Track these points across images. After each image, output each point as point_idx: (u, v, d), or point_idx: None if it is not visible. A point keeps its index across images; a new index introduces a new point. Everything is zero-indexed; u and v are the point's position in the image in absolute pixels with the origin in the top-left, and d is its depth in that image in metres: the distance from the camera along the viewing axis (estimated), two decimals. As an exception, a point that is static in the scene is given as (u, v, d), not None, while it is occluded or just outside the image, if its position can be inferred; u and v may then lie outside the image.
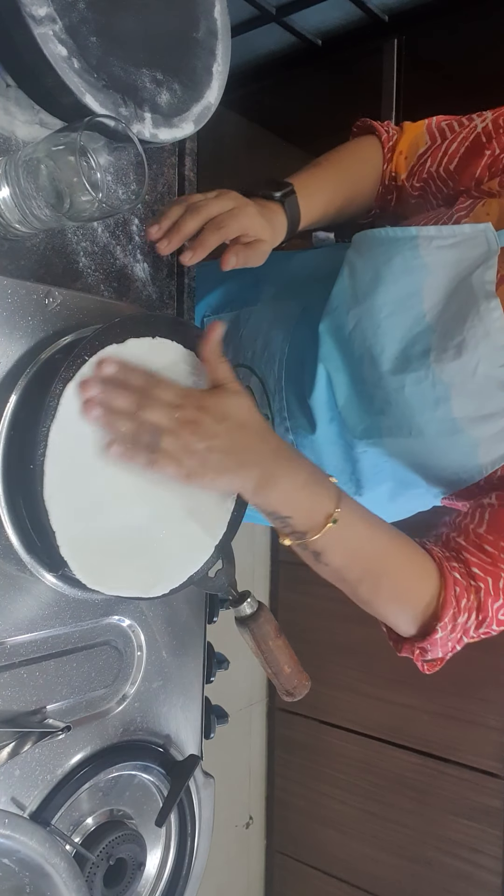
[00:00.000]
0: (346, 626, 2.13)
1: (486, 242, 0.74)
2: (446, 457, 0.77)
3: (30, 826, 0.70)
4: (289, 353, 0.90)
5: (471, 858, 1.96)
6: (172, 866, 0.87)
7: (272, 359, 0.92)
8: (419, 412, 0.76)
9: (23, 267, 0.73)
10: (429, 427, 0.75)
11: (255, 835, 2.45)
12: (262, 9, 1.85)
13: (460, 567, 0.72)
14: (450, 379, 0.73)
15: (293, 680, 0.82)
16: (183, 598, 0.87)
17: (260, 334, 0.95)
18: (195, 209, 0.76)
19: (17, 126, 0.73)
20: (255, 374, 0.93)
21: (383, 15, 1.86)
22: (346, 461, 0.89)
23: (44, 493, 0.63)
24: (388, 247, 0.79)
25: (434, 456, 0.78)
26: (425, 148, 0.90)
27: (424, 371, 0.74)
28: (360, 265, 0.81)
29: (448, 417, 0.74)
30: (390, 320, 0.77)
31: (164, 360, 0.73)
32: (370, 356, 0.79)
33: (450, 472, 0.79)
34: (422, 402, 0.75)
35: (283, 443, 0.67)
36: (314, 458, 0.89)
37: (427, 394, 0.74)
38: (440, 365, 0.73)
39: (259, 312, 0.97)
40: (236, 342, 0.98)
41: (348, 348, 0.82)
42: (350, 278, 0.83)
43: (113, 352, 0.67)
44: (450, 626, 0.71)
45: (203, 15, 0.81)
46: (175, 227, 0.76)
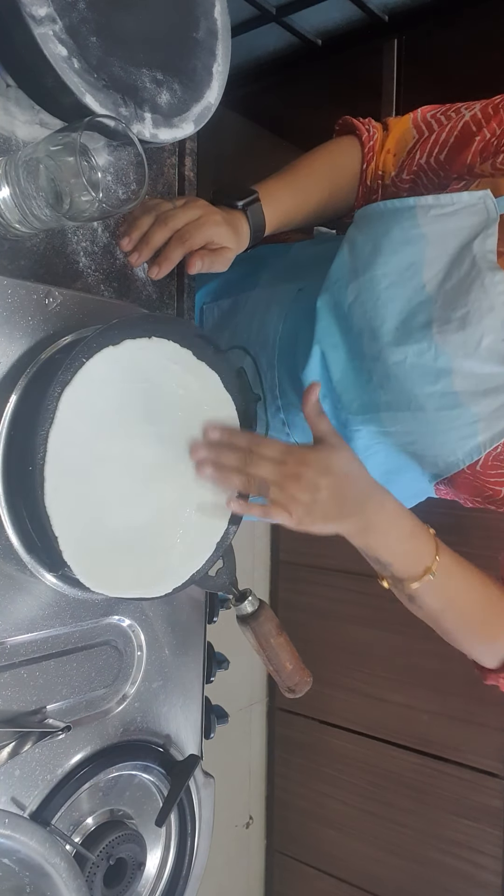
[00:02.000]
0: (346, 626, 2.13)
1: (485, 210, 0.73)
2: (445, 433, 0.77)
3: (30, 826, 0.70)
4: (283, 331, 0.91)
5: (471, 858, 1.96)
6: (172, 866, 0.87)
7: (266, 339, 0.93)
8: (419, 385, 0.75)
9: (23, 267, 0.73)
10: (429, 401, 0.75)
11: (255, 835, 2.44)
12: (262, 9, 1.85)
13: None
14: (453, 351, 0.72)
15: (295, 677, 0.82)
16: (183, 598, 0.87)
17: (256, 316, 0.96)
18: (163, 220, 0.76)
19: (17, 126, 0.73)
20: (249, 355, 0.94)
21: (383, 15, 1.86)
22: None
23: (45, 499, 0.63)
24: (386, 218, 0.79)
25: (432, 431, 0.78)
26: (413, 142, 0.89)
27: (427, 343, 0.73)
28: (361, 239, 0.81)
29: (449, 391, 0.74)
30: (390, 291, 0.76)
31: (161, 360, 0.73)
32: (370, 329, 0.78)
33: (447, 451, 0.79)
34: (423, 375, 0.75)
35: (387, 493, 0.72)
36: (305, 436, 0.88)
37: (429, 366, 0.74)
38: (443, 336, 0.72)
39: (256, 296, 0.99)
40: (233, 326, 0.99)
41: (347, 323, 0.82)
42: (350, 254, 0.82)
43: (108, 354, 0.67)
44: None
45: (203, 15, 0.81)
46: (144, 240, 0.76)
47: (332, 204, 0.95)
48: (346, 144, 0.95)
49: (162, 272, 0.78)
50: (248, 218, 0.84)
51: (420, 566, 0.71)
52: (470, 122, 0.84)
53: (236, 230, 0.82)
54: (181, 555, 0.77)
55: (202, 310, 1.03)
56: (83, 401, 0.66)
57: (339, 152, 0.95)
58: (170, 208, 0.78)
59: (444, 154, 0.85)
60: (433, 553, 0.72)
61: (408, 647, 2.02)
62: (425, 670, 2.01)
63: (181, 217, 0.77)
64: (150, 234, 0.76)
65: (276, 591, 2.40)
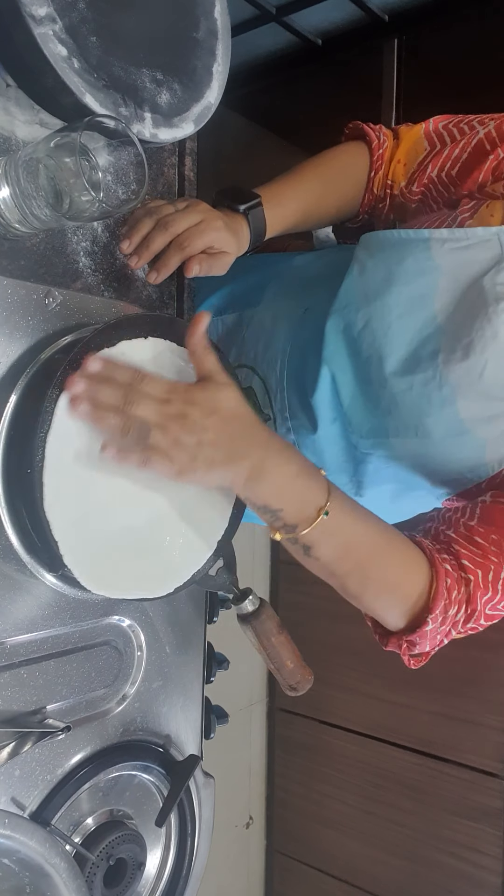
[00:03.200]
0: (346, 626, 2.13)
1: (498, 245, 0.73)
2: (453, 457, 0.77)
3: (30, 826, 0.70)
4: (290, 352, 0.90)
5: (471, 858, 1.96)
6: (172, 866, 0.87)
7: (274, 359, 0.92)
8: (426, 413, 0.76)
9: (23, 267, 0.73)
10: (436, 428, 0.76)
11: (255, 835, 2.44)
12: (262, 9, 1.85)
13: (451, 559, 0.72)
14: (457, 380, 0.73)
15: (296, 675, 0.82)
16: (183, 598, 0.87)
17: (262, 335, 0.95)
18: (163, 225, 0.76)
19: (17, 126, 0.73)
20: (258, 375, 0.93)
21: (383, 15, 1.86)
22: (348, 461, 0.89)
23: (44, 504, 0.63)
24: (400, 248, 0.79)
25: (440, 456, 0.78)
26: (425, 154, 0.89)
27: (433, 372, 0.74)
28: (371, 265, 0.81)
29: (455, 418, 0.74)
30: (401, 321, 0.77)
31: (158, 360, 0.73)
32: (378, 356, 0.79)
33: (455, 473, 0.79)
34: (428, 404, 0.75)
35: (273, 434, 0.67)
36: (315, 458, 0.89)
37: (433, 395, 0.75)
38: (448, 366, 0.73)
39: (261, 313, 0.98)
40: (239, 343, 0.98)
41: (356, 348, 0.82)
42: (360, 277, 0.82)
43: (105, 355, 0.67)
44: (440, 619, 0.70)
45: (203, 15, 0.81)
46: (144, 244, 0.77)
47: (337, 210, 0.95)
48: (354, 150, 0.94)
49: (160, 277, 0.79)
50: (250, 222, 0.84)
51: (312, 507, 0.64)
52: (484, 139, 0.83)
53: (236, 234, 0.82)
54: (181, 555, 0.77)
55: None
56: None
57: (346, 158, 0.94)
58: (171, 212, 0.78)
59: (455, 170, 0.85)
60: (325, 492, 0.65)
61: (408, 647, 2.02)
62: (425, 670, 2.00)
63: (182, 222, 0.77)
64: (150, 238, 0.77)
65: (276, 591, 2.40)
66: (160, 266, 0.78)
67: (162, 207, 0.78)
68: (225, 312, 1.03)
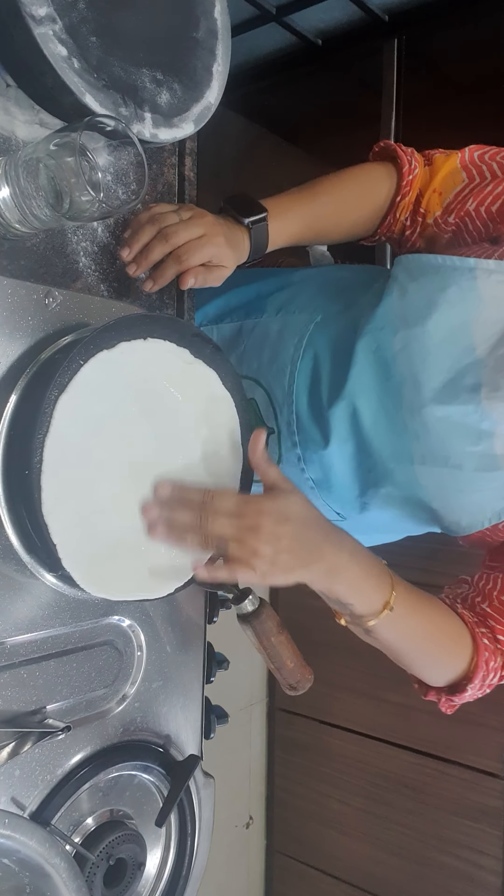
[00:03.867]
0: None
1: None
2: (477, 493, 0.78)
3: (30, 826, 0.69)
4: (301, 365, 0.89)
5: (471, 858, 1.96)
6: (172, 866, 0.87)
7: (281, 371, 0.91)
8: (460, 444, 0.76)
9: (23, 267, 0.73)
10: (468, 460, 0.76)
11: (255, 835, 2.44)
12: (262, 9, 1.85)
13: (487, 633, 0.79)
14: (499, 416, 0.74)
15: (296, 674, 0.82)
16: (183, 598, 0.87)
17: (266, 346, 0.94)
18: (164, 236, 0.76)
19: (17, 126, 0.73)
20: (261, 386, 0.92)
21: (383, 15, 1.86)
22: (356, 482, 0.88)
23: (42, 508, 0.63)
24: (444, 275, 0.78)
25: (466, 490, 0.79)
26: (463, 185, 0.87)
27: (474, 406, 0.75)
28: (413, 288, 0.81)
29: (490, 453, 0.75)
30: (440, 349, 0.77)
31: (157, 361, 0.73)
32: (414, 381, 0.79)
33: (474, 510, 0.79)
34: (465, 435, 0.76)
35: (344, 534, 0.70)
36: (322, 474, 0.88)
37: (472, 427, 0.75)
38: (491, 402, 0.74)
39: (264, 325, 0.96)
40: (240, 353, 0.97)
41: (387, 370, 0.82)
42: (400, 300, 0.81)
43: (104, 357, 0.67)
44: (479, 686, 0.79)
45: (203, 15, 0.81)
46: (143, 253, 0.77)
47: (348, 230, 0.93)
48: (380, 172, 0.92)
49: (155, 287, 0.79)
50: (251, 236, 0.83)
51: (379, 602, 0.71)
52: None
53: (236, 248, 0.82)
54: (181, 555, 0.77)
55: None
56: (79, 406, 0.65)
57: (370, 181, 0.92)
58: (174, 221, 0.77)
59: (496, 206, 0.84)
60: (390, 587, 0.71)
61: (408, 647, 2.02)
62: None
63: (183, 234, 0.76)
64: (149, 248, 0.76)
65: (276, 590, 2.39)
66: (156, 276, 0.78)
67: (165, 216, 0.77)
68: (222, 321, 1.02)
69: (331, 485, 0.87)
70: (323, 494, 0.89)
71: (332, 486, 0.87)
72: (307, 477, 0.89)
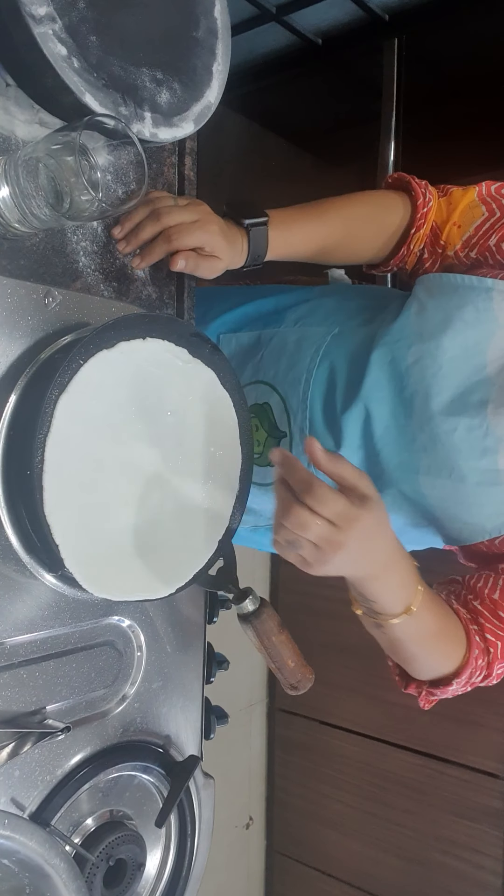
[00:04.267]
0: (346, 626, 2.13)
1: None
2: (479, 506, 0.80)
3: (30, 827, 0.69)
4: (317, 374, 0.90)
5: (471, 858, 1.96)
6: (172, 867, 0.87)
7: (297, 379, 0.91)
8: (465, 458, 0.78)
9: (23, 267, 0.73)
10: (472, 474, 0.78)
11: (255, 835, 2.44)
12: (262, 8, 1.85)
13: (477, 630, 0.80)
14: (503, 433, 0.76)
15: (297, 674, 0.82)
16: (183, 599, 0.87)
17: (284, 355, 0.94)
18: (156, 215, 0.77)
19: (16, 125, 0.73)
20: (277, 392, 0.93)
21: (383, 14, 1.86)
22: None
23: (44, 508, 0.63)
24: (462, 293, 0.80)
25: (468, 503, 0.80)
26: (483, 219, 0.87)
27: (479, 420, 0.76)
28: (431, 305, 0.83)
29: (493, 468, 0.77)
30: (452, 364, 0.79)
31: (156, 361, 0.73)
32: (425, 394, 0.80)
33: (475, 522, 0.81)
34: (470, 449, 0.77)
35: (401, 550, 0.71)
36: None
37: (477, 442, 0.77)
38: (496, 418, 0.76)
39: (282, 335, 0.97)
40: (257, 361, 0.97)
41: (400, 382, 0.83)
42: (418, 316, 0.83)
43: (103, 357, 0.67)
44: (464, 682, 0.80)
45: (203, 14, 0.81)
46: (134, 231, 0.78)
47: (357, 251, 0.93)
48: (394, 199, 0.92)
49: (143, 264, 0.81)
50: (250, 239, 0.84)
51: (402, 606, 0.72)
52: None
53: (231, 244, 0.82)
54: (182, 555, 0.77)
55: (219, 338, 1.02)
56: (79, 405, 0.65)
57: (383, 204, 0.92)
58: (168, 204, 0.79)
59: None
60: (415, 593, 0.72)
61: (408, 647, 2.02)
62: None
63: (175, 216, 0.78)
64: (140, 226, 0.78)
65: (276, 591, 2.40)
66: (145, 254, 0.80)
67: (161, 199, 0.80)
68: (240, 330, 1.02)
69: None
70: None
71: None
72: None
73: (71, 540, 0.65)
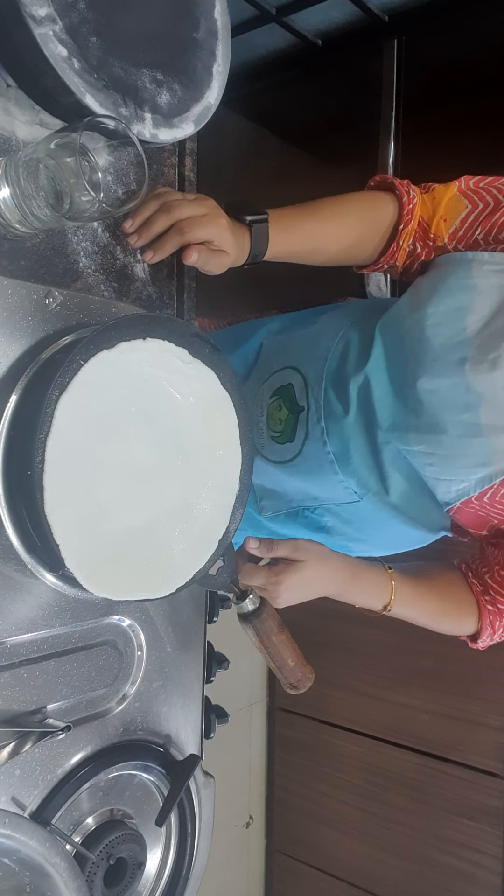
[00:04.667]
0: (346, 626, 2.13)
1: None
2: (462, 458, 0.85)
3: (30, 826, 0.70)
4: (333, 351, 0.99)
5: (471, 858, 1.96)
6: (172, 866, 0.87)
7: (318, 358, 1.00)
8: (448, 413, 0.84)
9: (23, 267, 0.73)
10: (454, 428, 0.84)
11: (255, 835, 2.45)
12: (262, 9, 1.85)
13: (490, 600, 0.94)
14: (481, 389, 0.81)
15: (297, 673, 0.82)
16: (183, 598, 0.87)
17: (308, 341, 1.05)
18: (167, 208, 0.79)
19: (17, 126, 0.73)
20: (299, 372, 1.02)
21: (383, 15, 1.86)
22: (371, 453, 0.95)
23: (45, 508, 0.63)
24: (446, 266, 0.90)
25: (451, 455, 0.86)
26: (467, 211, 0.92)
27: (459, 378, 0.82)
28: (424, 282, 0.91)
29: (475, 422, 0.83)
30: (434, 330, 0.85)
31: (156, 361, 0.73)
32: (414, 360, 0.87)
33: (460, 476, 0.87)
34: (451, 405, 0.84)
35: (348, 567, 0.88)
36: (341, 445, 0.96)
37: (458, 398, 0.83)
38: (474, 375, 0.81)
39: (310, 328, 1.07)
40: (287, 350, 1.07)
41: (395, 352, 0.91)
42: (411, 292, 0.93)
43: (103, 357, 0.67)
44: (489, 639, 0.96)
45: (203, 15, 0.81)
46: (146, 225, 0.79)
47: (351, 248, 0.97)
48: (380, 199, 0.96)
49: (155, 258, 0.82)
50: (252, 235, 0.86)
51: (379, 605, 0.89)
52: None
53: (237, 238, 0.84)
54: (183, 554, 0.77)
55: (262, 343, 1.12)
56: (79, 405, 0.66)
57: (371, 206, 0.96)
58: (178, 198, 0.80)
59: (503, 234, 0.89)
60: (389, 593, 0.88)
61: (408, 647, 2.02)
62: (425, 670, 2.01)
63: (186, 209, 0.79)
64: (152, 219, 0.79)
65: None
66: (157, 247, 0.81)
67: (170, 193, 0.81)
68: (281, 333, 1.12)
69: (349, 457, 0.95)
70: (342, 468, 0.96)
71: (350, 458, 0.95)
72: (328, 451, 0.97)
73: (71, 539, 0.65)
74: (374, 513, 0.99)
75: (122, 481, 0.71)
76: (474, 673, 1.92)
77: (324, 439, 0.97)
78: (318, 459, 0.97)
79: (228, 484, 0.80)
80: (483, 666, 1.90)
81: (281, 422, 1.02)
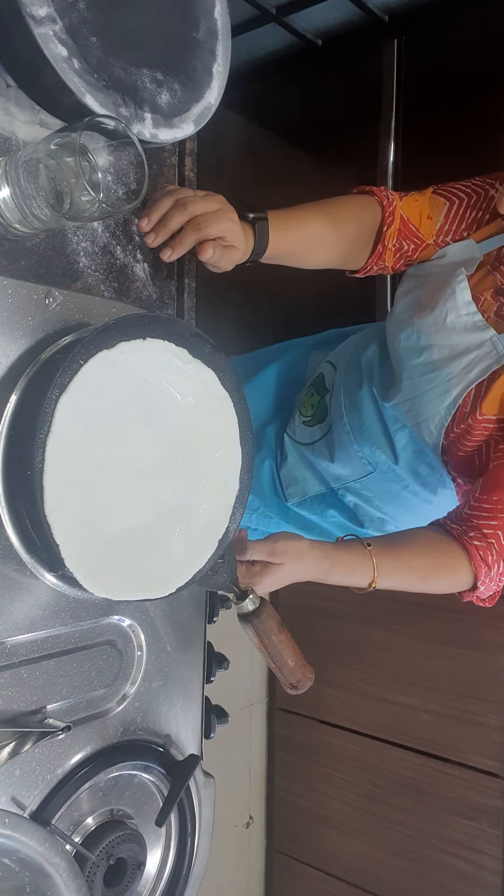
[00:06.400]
0: (346, 626, 2.13)
1: (470, 251, 1.01)
2: (427, 392, 0.99)
3: (30, 826, 0.70)
4: (357, 345, 1.18)
5: (471, 858, 1.96)
6: (172, 866, 0.87)
7: (346, 349, 1.20)
8: (409, 360, 1.01)
9: (23, 267, 0.73)
10: (416, 370, 1.00)
11: (255, 835, 2.45)
12: (262, 9, 1.85)
13: (475, 533, 0.91)
14: (428, 330, 0.98)
15: (297, 673, 0.82)
16: (183, 598, 0.87)
17: (348, 349, 1.21)
18: (182, 205, 0.80)
19: (17, 126, 0.73)
20: (331, 363, 1.20)
21: (383, 15, 1.86)
22: (378, 420, 1.08)
23: (45, 508, 0.63)
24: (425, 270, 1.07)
25: (419, 393, 0.99)
26: (447, 207, 1.03)
27: (411, 328, 1.00)
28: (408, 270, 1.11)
29: (429, 361, 0.98)
30: (403, 300, 1.05)
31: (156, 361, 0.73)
32: (390, 335, 1.04)
33: (433, 410, 0.98)
34: (410, 353, 1.00)
35: (328, 558, 0.87)
36: (356, 416, 1.10)
37: (414, 345, 1.00)
38: (420, 319, 0.99)
39: (351, 340, 1.24)
40: (334, 354, 1.23)
41: (388, 334, 1.08)
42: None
43: (103, 358, 0.67)
44: (488, 579, 0.93)
45: (203, 15, 0.81)
46: (162, 222, 0.81)
47: (342, 247, 1.02)
48: (364, 202, 1.03)
49: (174, 255, 0.83)
50: (255, 232, 0.88)
51: (365, 582, 0.88)
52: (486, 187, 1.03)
53: (245, 235, 0.86)
54: (183, 554, 0.77)
55: (311, 356, 1.31)
56: (79, 405, 0.65)
57: (356, 208, 1.02)
58: (190, 195, 0.81)
59: (484, 221, 1.03)
60: (372, 571, 0.88)
61: (408, 647, 2.02)
62: (425, 670, 2.01)
63: (200, 205, 0.80)
64: (168, 216, 0.80)
65: (276, 590, 2.39)
66: (175, 244, 0.82)
67: (181, 190, 0.82)
68: (323, 348, 1.29)
69: (363, 425, 1.09)
70: (357, 438, 1.10)
71: (364, 427, 1.09)
72: (345, 422, 1.11)
73: (71, 539, 0.65)
74: (387, 483, 1.10)
75: (122, 481, 0.71)
76: (474, 673, 1.92)
77: (341, 412, 1.11)
78: (339, 433, 1.12)
79: (228, 484, 0.80)
80: (482, 666, 1.90)
81: (313, 406, 1.18)
